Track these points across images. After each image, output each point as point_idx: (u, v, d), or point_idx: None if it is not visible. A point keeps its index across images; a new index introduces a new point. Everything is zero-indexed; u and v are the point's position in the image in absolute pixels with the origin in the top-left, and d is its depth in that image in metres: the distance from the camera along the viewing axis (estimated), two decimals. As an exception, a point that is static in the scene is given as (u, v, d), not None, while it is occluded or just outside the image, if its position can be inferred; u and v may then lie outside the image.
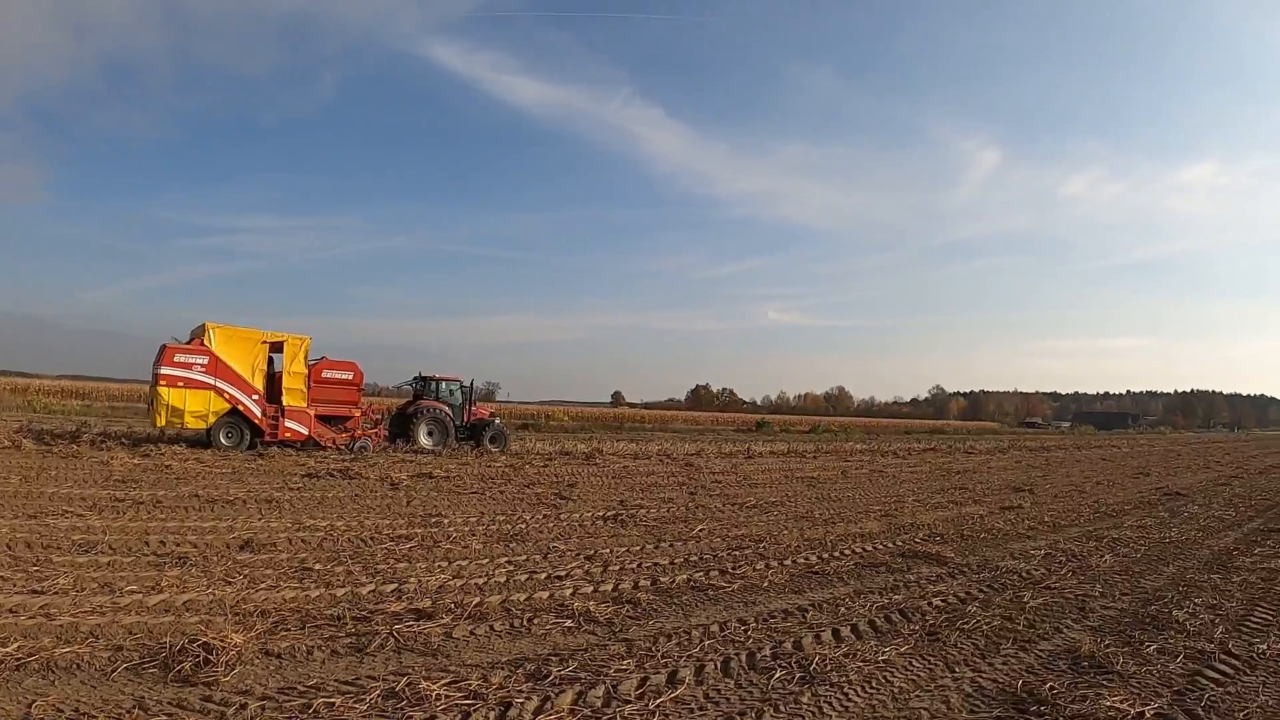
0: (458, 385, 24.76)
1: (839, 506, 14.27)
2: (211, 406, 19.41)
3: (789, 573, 8.38)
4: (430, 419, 23.14)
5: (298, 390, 20.68)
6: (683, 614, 6.69)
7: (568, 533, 10.36)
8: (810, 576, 8.27)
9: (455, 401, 24.35)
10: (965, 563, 9.17)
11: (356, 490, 13.58)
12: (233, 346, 19.94)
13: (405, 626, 5.81)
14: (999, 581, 8.16)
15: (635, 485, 16.52)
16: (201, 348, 19.52)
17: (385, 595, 6.79)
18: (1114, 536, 11.39)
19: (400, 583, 7.23)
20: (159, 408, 19.05)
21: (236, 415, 19.80)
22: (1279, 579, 8.61)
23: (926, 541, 10.58)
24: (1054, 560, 9.39)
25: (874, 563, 9.03)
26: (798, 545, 10.05)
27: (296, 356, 20.81)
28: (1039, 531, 11.98)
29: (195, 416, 19.32)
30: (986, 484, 19.68)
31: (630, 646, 5.65)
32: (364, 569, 7.76)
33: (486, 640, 5.73)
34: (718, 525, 11.44)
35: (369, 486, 14.10)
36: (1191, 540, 11.37)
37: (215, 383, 19.41)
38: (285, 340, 20.78)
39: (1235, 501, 17.02)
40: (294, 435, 20.45)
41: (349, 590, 6.90)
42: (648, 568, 8.41)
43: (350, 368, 22.04)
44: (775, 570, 8.45)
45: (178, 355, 19.21)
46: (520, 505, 12.71)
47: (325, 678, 4.82)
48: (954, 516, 13.33)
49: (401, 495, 13.23)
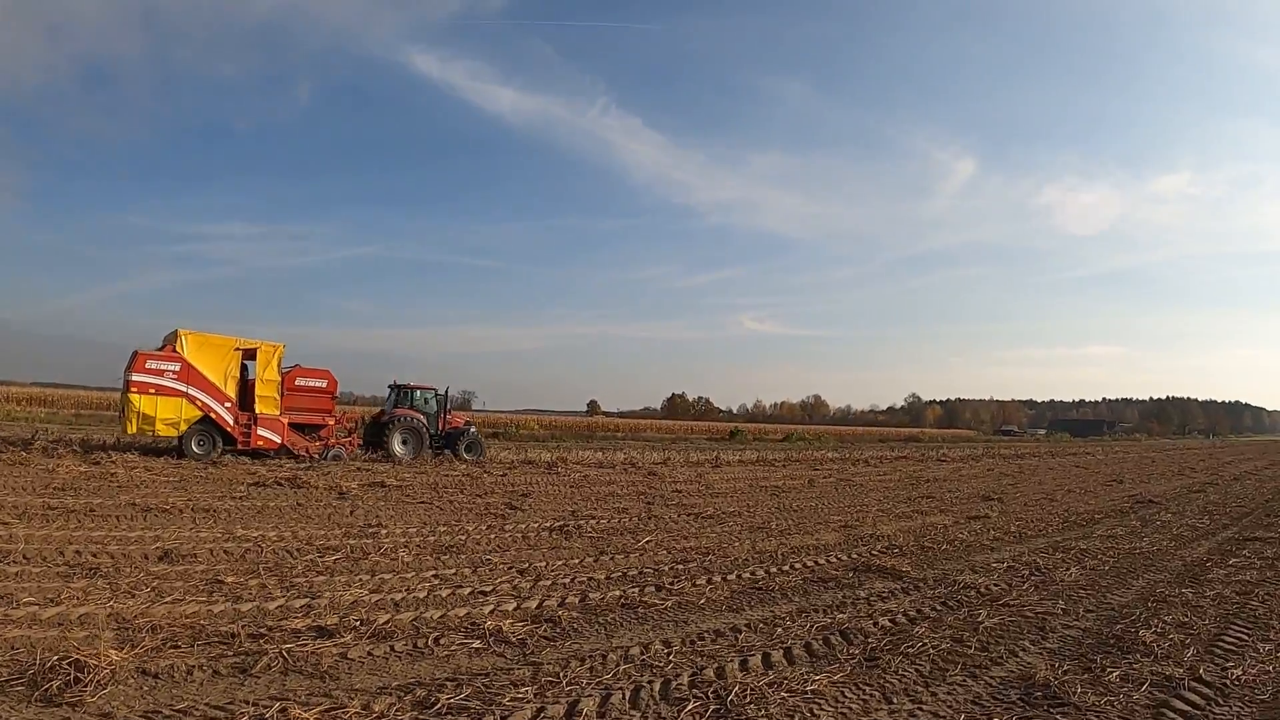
0: (433, 394, 24.12)
1: (799, 517, 13.53)
2: (183, 414, 18.80)
3: (730, 589, 7.67)
4: (404, 428, 22.52)
5: (271, 398, 20.06)
6: (605, 635, 5.99)
7: (507, 545, 9.70)
8: (752, 593, 7.56)
9: (430, 410, 23.74)
10: (921, 577, 8.43)
11: (301, 499, 12.88)
12: (205, 354, 19.34)
13: (300, 646, 5.26)
14: (955, 598, 7.43)
15: (592, 495, 15.76)
16: (174, 354, 18.90)
17: (293, 611, 6.22)
18: (1082, 548, 10.69)
19: (313, 598, 6.66)
20: (130, 415, 18.41)
21: (208, 423, 19.16)
22: (1254, 593, 7.88)
23: (884, 554, 9.88)
24: (1016, 574, 8.64)
25: (824, 578, 8.30)
26: (747, 558, 9.35)
27: (270, 364, 20.15)
28: (1004, 543, 11.28)
29: (167, 424, 18.66)
30: (956, 493, 19.02)
31: (536, 671, 4.98)
32: (280, 582, 7.18)
33: (384, 662, 5.16)
34: (667, 537, 10.74)
35: (315, 496, 13.41)
36: (1163, 551, 10.68)
37: (187, 390, 18.82)
38: (259, 347, 20.14)
39: (1209, 509, 16.35)
40: (267, 443, 19.80)
41: (256, 605, 6.34)
42: (581, 583, 7.71)
43: (324, 376, 21.45)
44: (716, 586, 7.74)
45: (149, 362, 18.60)
46: (467, 515, 12.02)
47: (197, 701, 4.38)
48: (917, 527, 12.62)
49: (347, 505, 12.55)
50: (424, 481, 16.54)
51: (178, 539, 8.98)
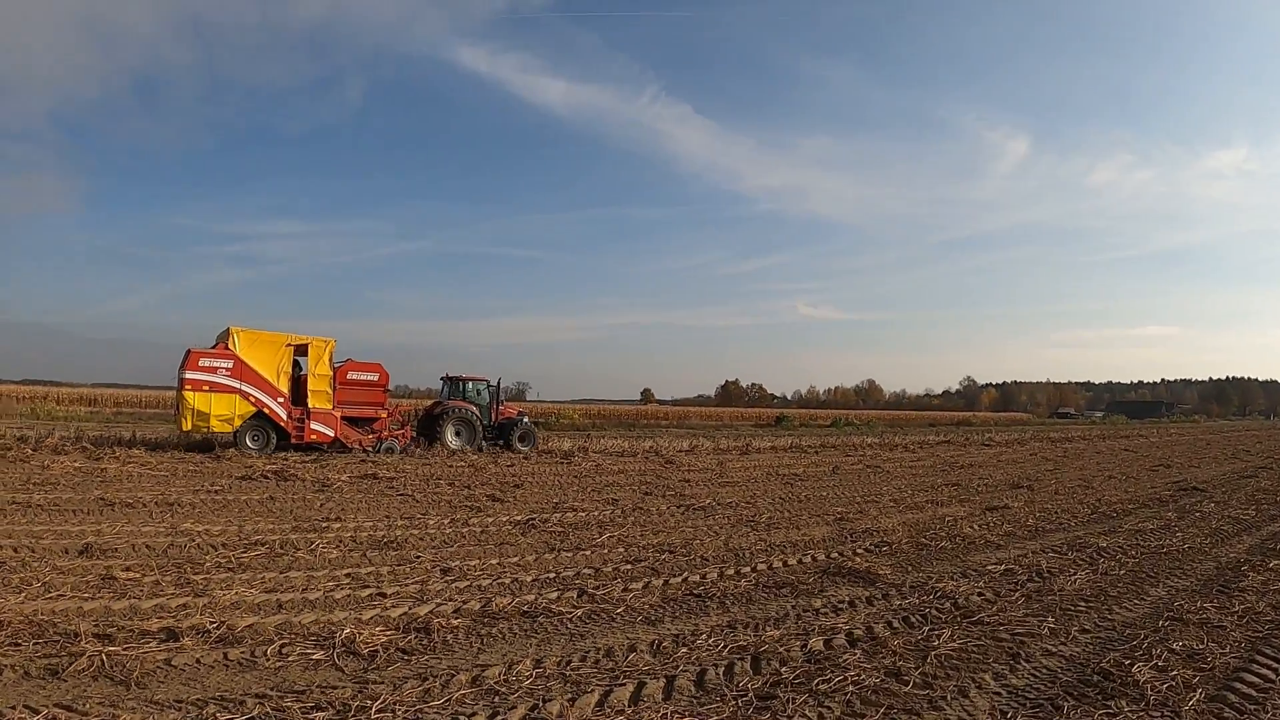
0: (485, 385, 23.40)
1: (798, 508, 12.02)
2: (237, 410, 18.42)
3: (665, 595, 6.37)
4: (457, 419, 21.89)
5: (323, 392, 19.59)
6: (475, 650, 4.89)
7: (453, 540, 8.65)
8: (687, 601, 6.23)
9: (482, 401, 23.00)
10: (898, 582, 6.93)
11: (276, 493, 12.01)
12: (257, 350, 18.93)
13: (129, 649, 4.63)
14: (922, 611, 5.93)
15: (590, 486, 14.54)
16: (226, 352, 18.54)
17: (166, 611, 5.52)
18: (1101, 545, 9.04)
19: (199, 596, 5.91)
20: (184, 412, 18.07)
21: (262, 418, 18.76)
22: None
23: (868, 553, 8.41)
24: (1011, 580, 7.04)
25: (781, 582, 6.87)
26: (711, 557, 7.98)
27: (321, 359, 19.68)
28: (1015, 539, 9.66)
29: (221, 420, 18.32)
30: (986, 479, 17.24)
31: (358, 692, 4.05)
32: (176, 580, 6.42)
33: (205, 672, 4.42)
34: (639, 531, 9.47)
35: (293, 489, 12.56)
36: (1195, 550, 8.89)
37: (240, 386, 18.47)
38: (310, 343, 19.65)
39: (1258, 498, 14.16)
40: (320, 437, 19.32)
41: (130, 604, 5.65)
42: (500, 585, 6.59)
43: (375, 369, 20.86)
44: (651, 591, 6.47)
45: (202, 359, 18.27)
46: (438, 509, 10.98)
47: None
48: (924, 520, 11.11)
49: (320, 498, 11.66)
50: (423, 473, 15.58)
51: (112, 534, 8.29)
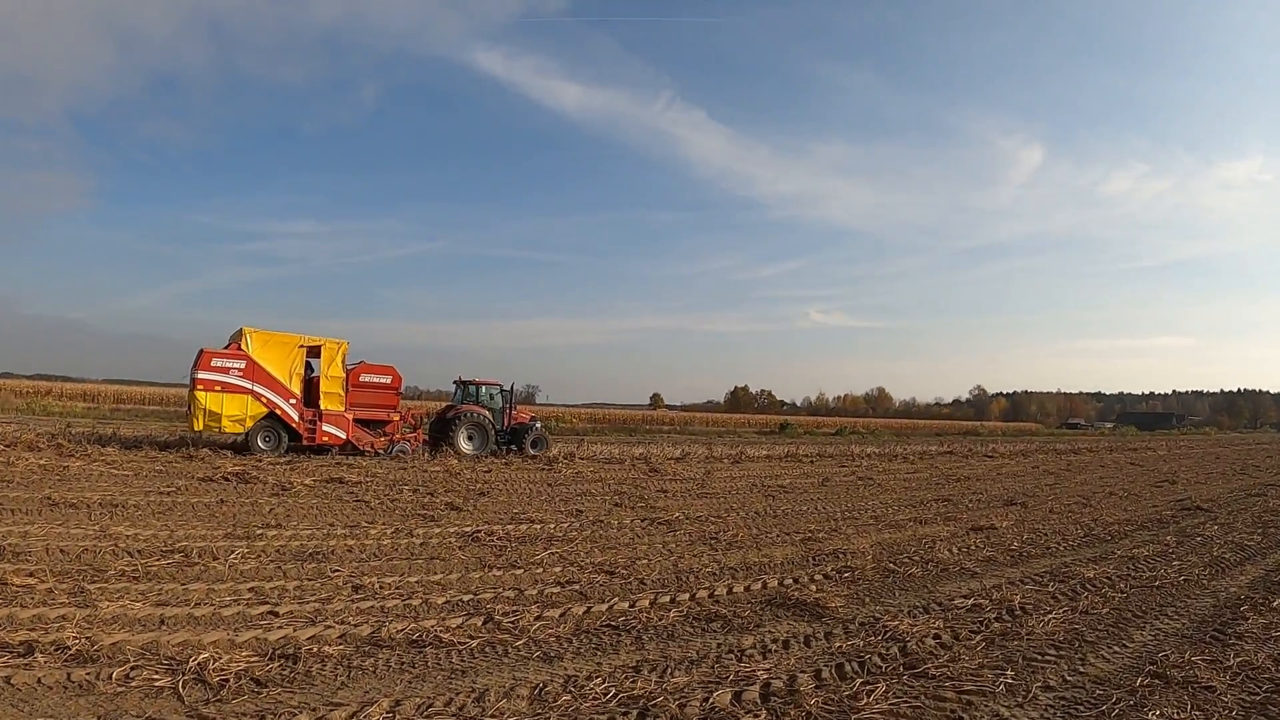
0: (498, 389, 22.80)
1: (771, 524, 11.03)
2: (249, 410, 18.04)
3: (579, 625, 5.59)
4: (470, 423, 21.31)
5: (335, 394, 19.20)
6: (335, 686, 4.22)
7: (385, 553, 7.94)
8: (601, 633, 5.45)
9: (495, 406, 22.44)
10: (847, 618, 6.00)
11: (228, 496, 11.36)
12: (270, 351, 18.54)
13: None
14: (861, 658, 4.99)
15: (562, 494, 13.70)
16: (239, 352, 18.15)
17: (41, 621, 5.01)
18: (1088, 575, 8.03)
19: (82, 607, 5.35)
20: (197, 412, 17.72)
21: (274, 419, 18.35)
22: None
23: (825, 581, 7.46)
24: (976, 618, 6.08)
25: (714, 615, 5.99)
26: (652, 580, 7.15)
27: (334, 360, 19.27)
28: (994, 566, 8.70)
29: (232, 420, 17.93)
30: (980, 495, 16.19)
31: None
32: (70, 588, 5.82)
33: (41, 693, 3.92)
34: (588, 547, 8.68)
35: (248, 493, 11.87)
36: (1191, 582, 7.88)
37: (252, 387, 18.08)
38: (323, 344, 19.22)
39: (1265, 519, 12.89)
40: (332, 439, 18.90)
41: (8, 613, 5.19)
42: (406, 606, 5.91)
43: (389, 371, 20.38)
44: (566, 620, 5.70)
45: (215, 359, 17.89)
46: (389, 517, 10.26)
47: None
48: (900, 540, 10.13)
49: (271, 503, 10.99)
50: (394, 478, 14.87)
51: (37, 536, 7.78)
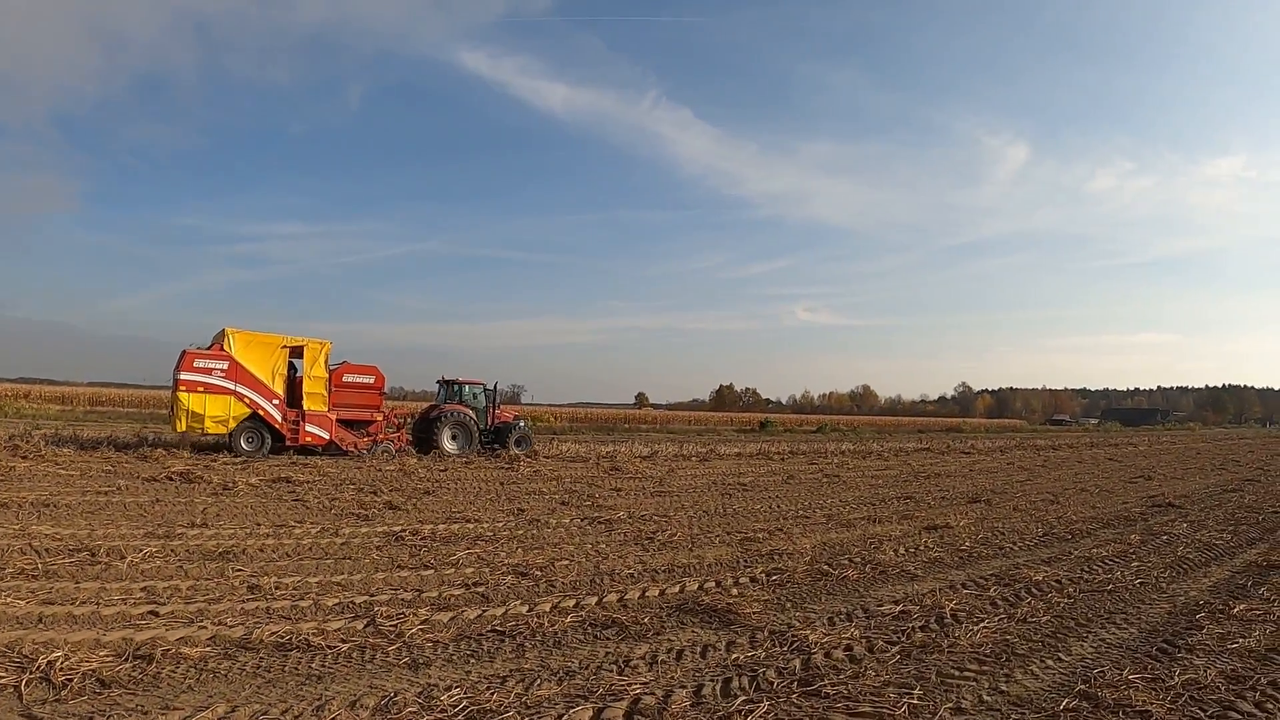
0: (481, 389, 22.38)
1: (717, 523, 10.53)
2: (231, 411, 17.72)
3: (463, 630, 5.20)
4: (454, 423, 20.91)
5: (318, 395, 18.89)
6: (179, 690, 4.02)
7: (301, 553, 7.58)
8: (484, 639, 5.06)
9: (479, 405, 22.03)
10: (758, 626, 5.47)
11: (166, 495, 10.98)
12: (253, 351, 18.21)
13: None
14: (756, 672, 4.42)
15: (511, 493, 13.11)
16: (221, 353, 17.83)
17: None
18: (1036, 578, 7.42)
19: None
20: (179, 413, 17.38)
21: (257, 420, 18.03)
22: (1254, 683, 4.52)
23: (751, 584, 6.88)
24: (901, 626, 5.50)
25: (612, 621, 5.51)
26: (567, 582, 6.74)
27: (317, 361, 18.94)
28: (938, 568, 8.08)
29: (215, 421, 17.60)
30: (946, 492, 15.55)
31: None
32: None
33: None
34: (512, 547, 8.26)
35: (187, 492, 11.45)
36: (1149, 585, 7.25)
37: (235, 388, 17.76)
38: (306, 345, 18.88)
39: (1238, 516, 12.32)
40: (315, 440, 18.56)
41: None
42: (294, 608, 5.58)
43: (371, 371, 20.06)
44: (454, 625, 5.33)
45: (197, 360, 17.57)
46: (322, 516, 9.85)
47: None
48: (847, 540, 9.49)
49: (207, 502, 10.61)
50: (345, 477, 14.44)
51: None
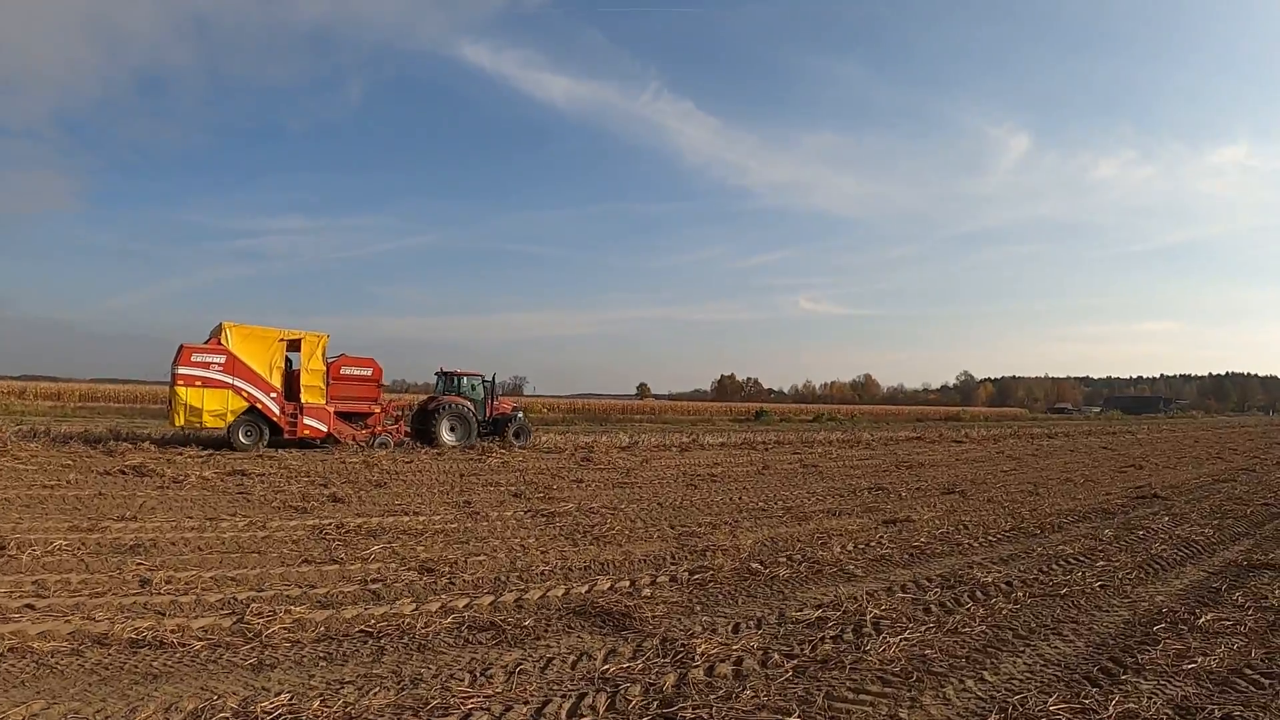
0: (480, 380, 22.06)
1: (664, 515, 10.10)
2: (229, 405, 17.50)
3: (332, 630, 4.89)
4: (452, 414, 20.63)
5: (316, 387, 18.64)
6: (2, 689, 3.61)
7: (218, 546, 7.33)
8: (348, 641, 4.76)
9: (477, 396, 21.72)
10: (651, 633, 4.94)
11: (111, 489, 10.71)
12: (250, 345, 17.97)
13: None
14: (615, 690, 3.85)
15: (466, 485, 12.73)
16: (219, 347, 17.61)
17: None
18: (985, 580, 6.57)
19: None
20: (177, 407, 17.16)
21: (255, 413, 17.81)
22: (1209, 714, 3.88)
23: (664, 585, 6.32)
24: (809, 636, 4.84)
25: (491, 625, 5.05)
26: (472, 579, 6.36)
27: (314, 354, 18.67)
28: (884, 566, 7.32)
29: (213, 415, 17.39)
30: (923, 483, 14.77)
31: None
32: None
33: None
34: (439, 541, 7.91)
35: (138, 485, 11.19)
36: (1111, 588, 6.45)
37: (233, 381, 17.55)
38: (303, 338, 18.60)
39: (1225, 509, 11.57)
40: (313, 432, 18.32)
41: None
42: (174, 604, 5.35)
43: (369, 364, 19.79)
44: (325, 625, 4.97)
45: (195, 355, 17.35)
46: (260, 510, 9.56)
47: None
48: (794, 535, 8.71)
49: (150, 495, 10.30)
50: (304, 469, 14.12)
51: None
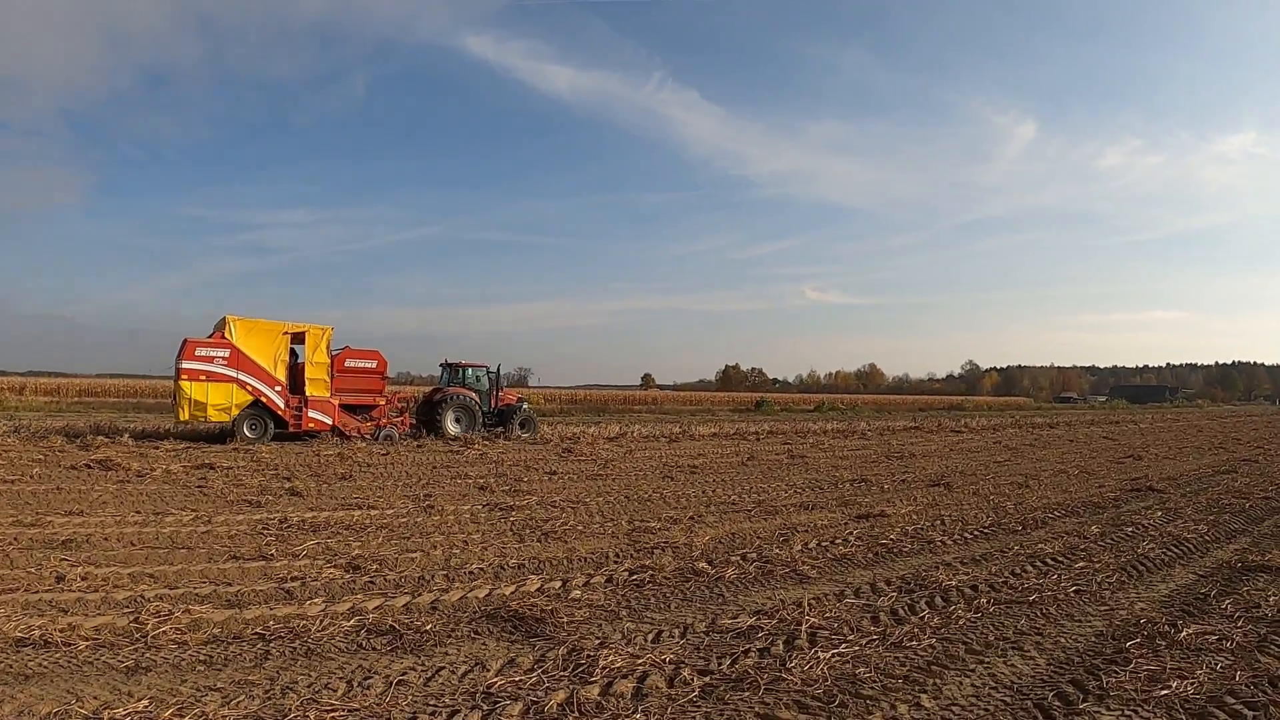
0: (484, 371, 21.86)
1: (626, 509, 9.74)
2: (234, 399, 17.38)
3: (229, 631, 4.75)
4: (457, 406, 20.46)
5: (321, 380, 18.47)
6: None
7: (155, 542, 7.30)
8: (237, 644, 4.55)
9: (482, 388, 21.53)
10: (561, 640, 4.57)
11: (71, 483, 10.59)
12: (254, 339, 17.81)
13: None
14: (493, 707, 3.47)
15: (435, 478, 12.51)
16: (223, 341, 17.46)
17: None
18: (951, 583, 5.97)
19: None
20: (182, 401, 17.05)
21: (259, 407, 17.68)
22: None
23: (598, 587, 5.92)
24: (733, 650, 4.41)
25: (391, 629, 4.72)
26: (392, 579, 6.10)
27: (319, 347, 18.50)
28: (843, 566, 6.71)
29: (218, 409, 17.27)
30: (911, 474, 14.17)
31: None
32: None
33: None
34: (382, 537, 7.69)
35: (99, 479, 11.08)
36: (1087, 594, 5.81)
37: (237, 375, 17.41)
38: (307, 331, 18.43)
39: (1223, 503, 10.92)
40: (318, 425, 18.15)
41: None
42: (77, 601, 5.27)
43: (374, 356, 19.60)
44: (221, 626, 4.82)
45: (199, 349, 17.21)
46: (209, 504, 9.42)
47: None
48: (756, 531, 8.19)
49: (105, 489, 10.17)
50: (275, 462, 13.87)
51: None
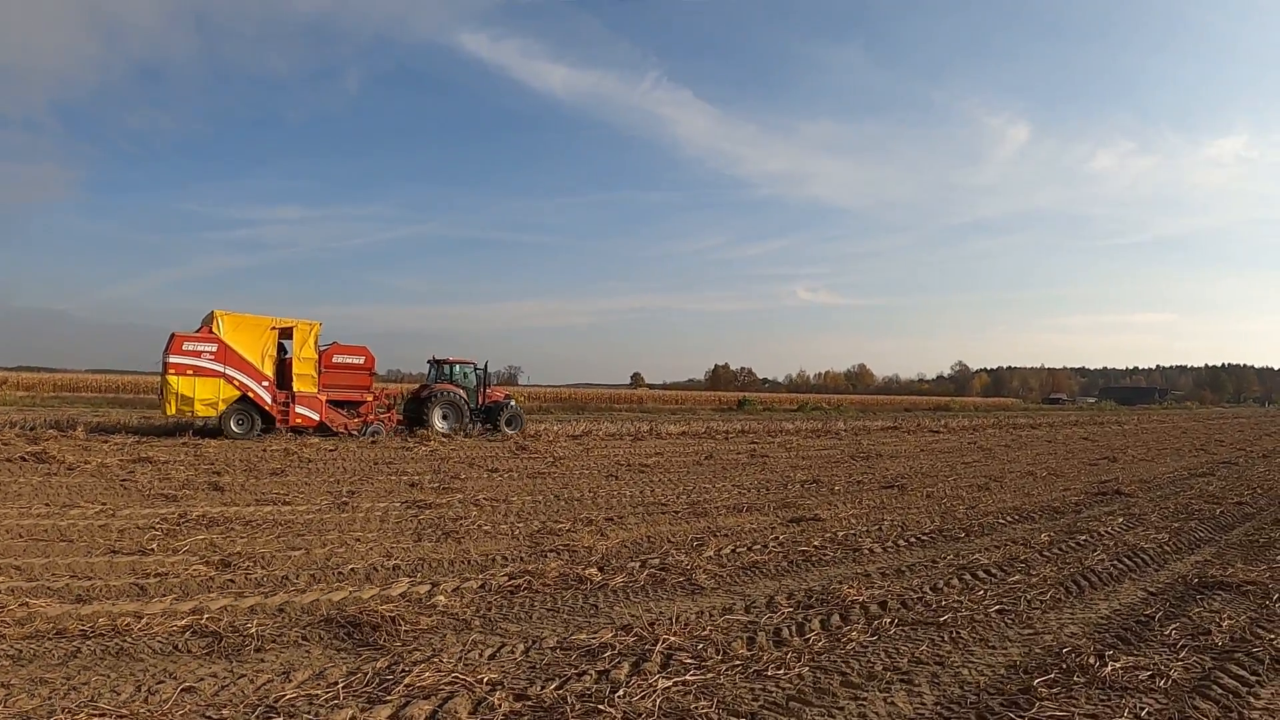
0: (472, 368, 21.55)
1: (554, 508, 9.45)
2: (221, 394, 17.10)
3: (62, 629, 4.55)
4: (444, 402, 20.16)
5: (308, 376, 18.20)
6: None
7: (38, 535, 7.13)
8: (63, 642, 4.39)
9: (470, 385, 21.22)
10: (396, 651, 4.26)
11: None
12: (242, 334, 17.51)
13: None
14: None
15: (367, 473, 12.24)
16: (210, 335, 17.17)
17: None
18: (859, 599, 5.29)
19: None
20: (169, 396, 16.76)
21: (247, 402, 17.40)
22: None
23: (468, 593, 5.52)
24: (567, 673, 3.87)
25: (215, 633, 4.44)
26: (257, 579, 5.88)
27: (306, 342, 18.20)
28: (748, 576, 6.14)
29: (205, 404, 17.01)
30: (868, 475, 13.41)
31: None
32: None
33: None
34: (276, 534, 7.49)
35: (27, 472, 10.99)
36: (1011, 615, 5.04)
37: (225, 370, 17.12)
38: (295, 326, 18.12)
39: (1192, 508, 10.31)
40: (305, 421, 17.91)
41: None
42: None
43: (361, 352, 19.28)
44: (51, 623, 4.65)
45: (186, 343, 16.93)
46: (123, 498, 9.20)
47: None
48: (671, 535, 7.86)
49: (26, 483, 10.05)
50: (213, 456, 13.62)
51: None
